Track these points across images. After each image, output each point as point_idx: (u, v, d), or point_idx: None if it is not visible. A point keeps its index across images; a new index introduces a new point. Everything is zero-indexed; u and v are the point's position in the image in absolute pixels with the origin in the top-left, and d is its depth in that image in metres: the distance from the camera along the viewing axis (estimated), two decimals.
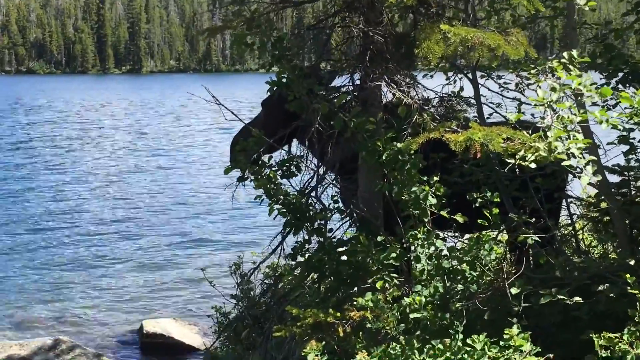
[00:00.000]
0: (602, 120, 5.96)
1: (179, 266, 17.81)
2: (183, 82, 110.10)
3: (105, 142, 44.48)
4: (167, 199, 26.06)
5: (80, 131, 50.81)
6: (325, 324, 6.26)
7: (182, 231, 21.29)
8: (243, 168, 7.58)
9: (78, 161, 35.93)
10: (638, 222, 7.64)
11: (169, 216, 23.32)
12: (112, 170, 33.15)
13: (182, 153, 38.78)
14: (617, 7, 20.67)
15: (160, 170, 32.89)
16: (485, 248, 6.47)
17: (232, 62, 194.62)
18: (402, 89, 7.52)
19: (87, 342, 13.11)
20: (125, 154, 38.81)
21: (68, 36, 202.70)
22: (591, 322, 6.40)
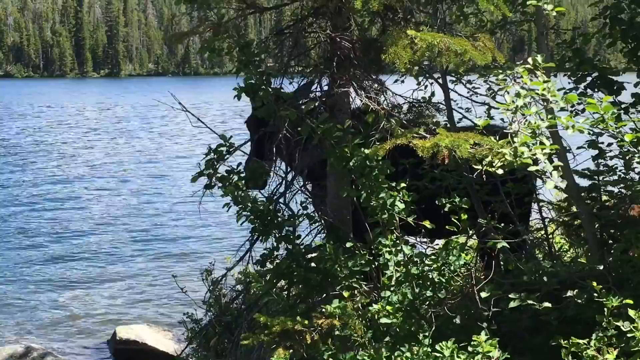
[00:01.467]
0: (568, 125, 5.97)
1: (152, 272, 17.69)
2: (161, 85, 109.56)
3: (75, 148, 44.16)
4: (138, 206, 25.86)
5: (50, 137, 50.43)
6: (294, 332, 6.24)
7: (154, 237, 21.16)
8: (210, 175, 7.55)
9: (47, 167, 35.64)
10: (608, 226, 7.66)
11: (141, 222, 23.15)
12: (80, 177, 32.89)
13: (151, 159, 38.56)
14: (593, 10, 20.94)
15: (130, 176, 32.62)
16: (453, 254, 6.45)
17: (210, 65, 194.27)
18: (370, 95, 7.50)
19: (59, 348, 12.98)
20: (95, 160, 38.52)
21: (46, 40, 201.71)
22: (561, 327, 6.41)
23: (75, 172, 34.29)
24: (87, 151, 42.48)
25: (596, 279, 6.29)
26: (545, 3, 7.38)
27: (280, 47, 8.37)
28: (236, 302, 9.03)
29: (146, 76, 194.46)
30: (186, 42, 8.08)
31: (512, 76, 6.71)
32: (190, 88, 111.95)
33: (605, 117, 6.03)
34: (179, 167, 34.34)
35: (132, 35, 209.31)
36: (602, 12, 8.08)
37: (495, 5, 6.86)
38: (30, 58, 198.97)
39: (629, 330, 5.63)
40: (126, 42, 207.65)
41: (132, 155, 40.42)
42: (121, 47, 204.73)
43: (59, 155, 40.34)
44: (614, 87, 7.79)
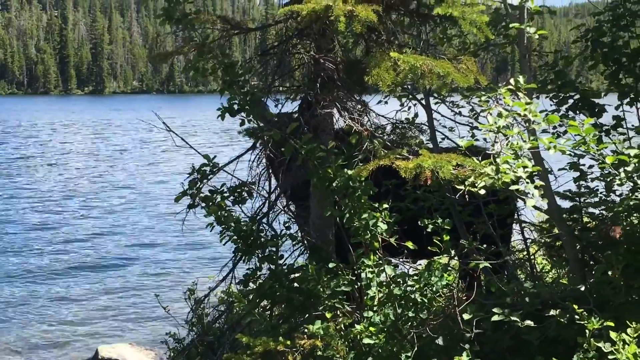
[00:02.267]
0: (550, 146, 6.01)
1: (135, 291, 17.62)
2: (145, 103, 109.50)
3: (58, 165, 44.01)
4: (121, 225, 25.76)
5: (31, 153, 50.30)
6: (276, 352, 6.24)
7: (137, 256, 21.07)
8: (193, 195, 7.55)
9: (30, 184, 35.48)
10: (589, 248, 7.69)
11: (124, 241, 23.06)
12: (63, 195, 32.78)
13: (134, 178, 38.42)
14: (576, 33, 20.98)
15: (113, 195, 32.49)
16: (436, 274, 6.47)
17: (195, 83, 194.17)
18: (354, 116, 7.52)
19: None
20: (78, 178, 38.39)
21: (30, 57, 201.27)
22: (542, 347, 6.43)
23: (58, 189, 34.16)
24: (70, 169, 42.35)
25: (577, 300, 6.33)
26: (527, 26, 7.44)
27: (265, 68, 8.39)
28: (219, 322, 9.00)
29: (130, 94, 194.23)
30: (171, 60, 8.09)
31: (495, 98, 6.75)
32: (174, 106, 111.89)
33: (587, 139, 6.08)
34: (163, 186, 34.25)
35: (117, 53, 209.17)
36: (584, 35, 8.16)
37: (478, 28, 6.91)
38: (14, 75, 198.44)
39: (609, 352, 5.65)
40: (111, 59, 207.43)
41: (115, 173, 40.27)
42: (105, 65, 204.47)
43: (41, 173, 40.21)
44: (595, 109, 7.85)
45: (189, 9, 7.71)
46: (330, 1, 6.28)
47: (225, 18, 7.82)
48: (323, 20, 6.45)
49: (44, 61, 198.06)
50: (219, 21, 7.72)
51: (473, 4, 6.95)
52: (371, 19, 6.41)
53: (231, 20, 7.83)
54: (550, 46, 51.66)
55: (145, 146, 56.40)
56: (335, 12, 6.25)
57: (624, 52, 7.88)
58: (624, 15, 7.85)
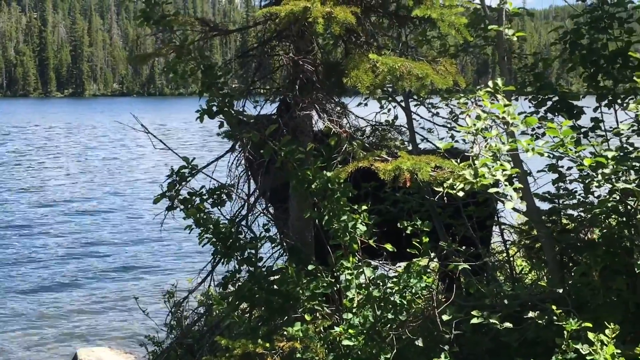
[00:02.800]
0: (528, 148, 6.03)
1: (114, 294, 17.52)
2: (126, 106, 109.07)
3: (36, 168, 43.79)
4: (100, 228, 25.64)
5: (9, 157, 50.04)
6: (255, 355, 6.22)
7: (117, 259, 20.96)
8: (173, 197, 7.52)
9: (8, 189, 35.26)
10: (568, 249, 7.72)
11: (103, 244, 22.94)
12: (41, 197, 32.59)
13: (114, 181, 38.29)
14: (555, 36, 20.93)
15: (92, 198, 32.32)
16: (415, 276, 6.47)
17: (175, 85, 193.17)
18: (333, 118, 7.52)
19: None
20: (57, 181, 38.20)
21: (9, 59, 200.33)
22: (521, 349, 6.45)
23: (35, 191, 33.98)
24: (48, 172, 42.14)
25: (556, 301, 6.35)
26: (506, 28, 7.47)
27: (245, 70, 8.37)
28: (198, 325, 8.97)
29: (110, 96, 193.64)
30: (151, 62, 8.07)
31: (474, 99, 6.77)
32: (154, 109, 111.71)
33: (565, 141, 6.10)
34: (143, 189, 34.13)
35: (97, 55, 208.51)
36: (562, 37, 8.18)
37: (457, 30, 6.92)
38: None
39: (588, 353, 5.67)
40: (90, 62, 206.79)
41: (94, 176, 40.08)
42: (85, 67, 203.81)
43: (18, 175, 39.99)
44: (574, 112, 7.87)
45: (167, 10, 7.69)
46: (308, 3, 6.27)
47: (204, 20, 7.81)
48: (301, 21, 6.44)
49: (23, 63, 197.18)
50: (197, 23, 7.71)
51: (452, 5, 6.95)
52: (350, 20, 6.40)
53: (210, 22, 7.81)
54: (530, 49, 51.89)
55: (123, 148, 56.21)
56: (313, 13, 6.24)
57: (602, 55, 7.91)
58: (602, 18, 7.88)
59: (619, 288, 6.73)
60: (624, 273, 6.85)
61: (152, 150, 9.77)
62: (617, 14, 7.91)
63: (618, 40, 7.88)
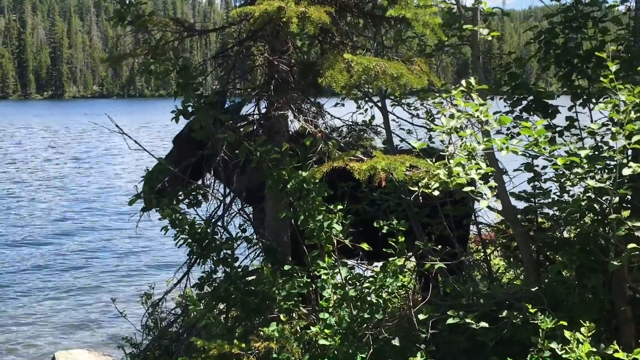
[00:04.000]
0: (502, 147, 6.04)
1: (92, 296, 17.47)
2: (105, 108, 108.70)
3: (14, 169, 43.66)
4: (76, 229, 25.55)
5: None
6: (231, 355, 6.21)
7: (93, 261, 20.89)
8: (147, 199, 7.50)
9: None
10: (543, 248, 7.75)
11: (79, 246, 22.86)
12: (16, 197, 32.50)
13: (89, 182, 38.20)
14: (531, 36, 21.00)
15: (67, 199, 32.22)
16: (391, 276, 6.47)
17: (155, 87, 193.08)
18: (308, 118, 7.51)
19: None
20: (32, 182, 38.04)
21: None
22: (497, 348, 6.47)
23: (11, 192, 33.86)
24: (24, 172, 41.99)
25: (532, 300, 6.37)
26: (480, 27, 7.48)
27: (222, 70, 8.35)
28: (175, 326, 8.95)
29: (90, 98, 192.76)
30: (131, 64, 8.03)
31: (449, 99, 6.78)
32: (134, 110, 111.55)
33: (539, 140, 6.12)
34: (118, 190, 34.06)
35: (77, 57, 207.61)
36: (537, 36, 8.21)
37: (432, 30, 6.92)
38: None
39: (563, 352, 5.69)
40: (70, 63, 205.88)
41: (69, 177, 39.99)
42: (65, 69, 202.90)
43: None
44: (548, 111, 7.90)
45: (142, 11, 7.67)
46: (282, 2, 6.25)
47: (179, 20, 7.79)
48: (276, 21, 6.43)
49: (2, 65, 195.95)
50: (172, 23, 7.68)
51: (426, 5, 6.95)
52: (324, 20, 6.40)
53: (185, 22, 7.78)
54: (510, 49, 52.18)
55: (99, 149, 56.08)
56: (287, 13, 6.22)
57: (577, 54, 7.95)
58: (576, 17, 7.92)
59: (594, 286, 6.77)
60: (599, 271, 6.88)
61: (129, 152, 9.74)
62: (591, 13, 7.95)
63: (592, 39, 7.91)
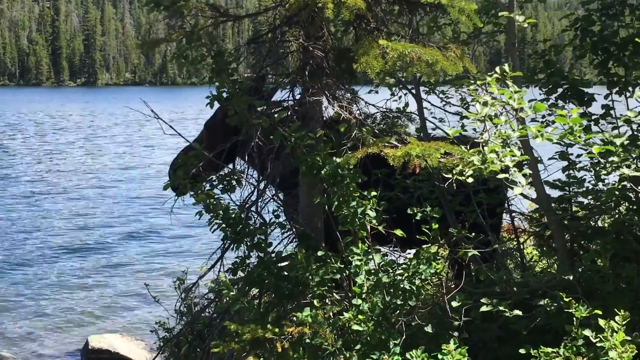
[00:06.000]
0: (537, 135, 6.01)
1: (125, 281, 17.60)
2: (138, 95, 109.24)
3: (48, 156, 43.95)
4: (111, 215, 25.73)
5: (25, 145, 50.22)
6: (264, 340, 6.21)
7: (128, 246, 21.05)
8: (182, 183, 7.54)
9: (20, 176, 35.37)
10: (578, 237, 7.71)
11: (115, 231, 23.01)
12: (52, 183, 32.75)
13: (124, 168, 38.42)
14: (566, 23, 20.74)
15: (103, 185, 32.48)
16: (424, 263, 6.46)
17: (187, 74, 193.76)
18: (343, 104, 7.50)
19: (31, 357, 12.93)
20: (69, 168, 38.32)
21: (22, 48, 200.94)
22: (530, 336, 6.44)
23: (46, 178, 34.14)
24: (61, 158, 42.31)
25: (565, 288, 6.34)
26: (517, 14, 7.45)
27: (256, 56, 8.35)
28: (208, 311, 8.99)
29: (123, 85, 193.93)
30: (163, 51, 8.05)
31: (483, 86, 6.75)
32: (166, 97, 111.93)
33: (574, 129, 6.08)
34: (152, 175, 34.25)
35: (109, 44, 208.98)
36: (573, 24, 8.15)
37: (467, 16, 6.89)
38: (6, 66, 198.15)
39: (598, 340, 5.66)
40: (103, 51, 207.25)
41: (105, 164, 40.26)
42: (98, 56, 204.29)
43: (31, 163, 40.15)
44: (584, 99, 7.85)
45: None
46: None
47: (214, 6, 7.78)
48: (311, 7, 6.42)
49: (36, 53, 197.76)
50: (207, 9, 7.68)
51: None
52: (359, 6, 6.38)
53: (220, 8, 7.79)
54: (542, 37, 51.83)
55: (135, 135, 56.45)
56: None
57: (613, 41, 7.89)
58: (613, 4, 7.86)
59: (629, 275, 6.73)
60: (633, 260, 6.84)
61: (163, 137, 9.78)
62: (628, 0, 7.88)
63: (629, 26, 7.85)
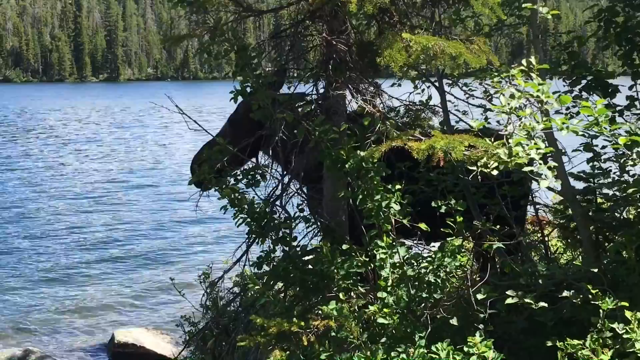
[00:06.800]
0: (562, 127, 5.99)
1: (150, 275, 17.72)
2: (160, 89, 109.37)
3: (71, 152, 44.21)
4: (135, 210, 25.88)
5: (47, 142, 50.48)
6: (290, 333, 6.24)
7: (152, 241, 21.16)
8: (207, 178, 7.56)
9: (45, 172, 35.60)
10: (603, 228, 7.68)
11: (139, 226, 23.16)
12: (77, 178, 32.94)
13: (149, 163, 38.57)
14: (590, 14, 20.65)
15: (128, 180, 32.65)
16: (449, 255, 6.46)
17: (209, 69, 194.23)
18: (366, 98, 7.50)
19: (57, 352, 13.04)
20: (92, 164, 38.51)
21: (45, 44, 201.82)
22: (556, 328, 6.42)
23: (73, 173, 34.34)
24: (83, 155, 42.53)
25: (591, 280, 6.32)
26: (540, 6, 7.42)
27: (278, 51, 8.37)
28: (233, 305, 9.03)
29: (145, 80, 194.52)
30: (185, 46, 8.07)
31: (508, 79, 6.72)
32: (189, 92, 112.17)
33: (599, 120, 6.05)
34: (177, 170, 34.35)
35: (131, 40, 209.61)
36: (597, 15, 8.11)
37: (490, 9, 6.88)
38: (29, 63, 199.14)
39: (624, 332, 5.65)
40: (125, 46, 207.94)
41: (129, 159, 40.42)
42: (120, 52, 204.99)
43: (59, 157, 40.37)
44: (608, 90, 7.81)
45: None
46: None
47: (237, 1, 7.80)
48: (334, 1, 6.44)
49: (59, 49, 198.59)
50: (231, 4, 7.70)
51: None
52: (383, 0, 6.39)
53: (243, 3, 7.81)
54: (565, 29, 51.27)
55: (159, 130, 56.64)
56: None
57: (637, 32, 7.84)
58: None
59: None
60: None
61: (187, 132, 9.81)
62: None
63: None
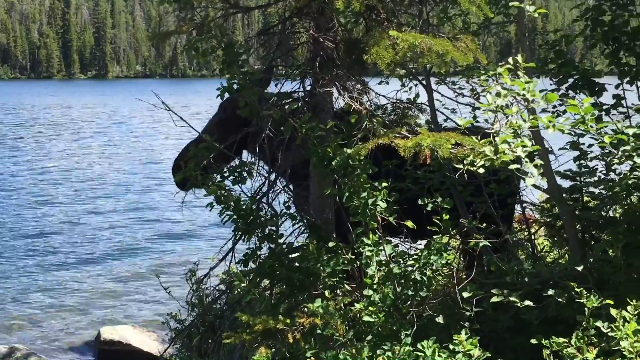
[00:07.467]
0: (549, 125, 5.99)
1: (137, 272, 17.70)
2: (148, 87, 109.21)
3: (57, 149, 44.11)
4: (122, 207, 25.84)
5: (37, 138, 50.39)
6: (275, 331, 6.23)
7: (139, 238, 21.15)
8: (193, 175, 7.54)
9: (30, 166, 35.53)
10: (589, 227, 7.69)
11: (125, 223, 23.13)
12: (61, 175, 32.86)
13: (135, 160, 38.52)
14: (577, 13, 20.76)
15: (114, 177, 32.62)
16: (435, 253, 6.46)
17: (198, 67, 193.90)
18: (353, 96, 7.50)
19: (43, 349, 13.00)
20: (78, 160, 38.45)
21: (33, 41, 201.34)
22: (542, 326, 6.43)
23: (56, 171, 34.24)
24: (70, 151, 42.43)
25: (577, 279, 6.33)
26: (527, 4, 7.42)
27: (265, 48, 8.36)
28: (219, 302, 9.02)
29: (133, 78, 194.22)
30: (173, 43, 8.06)
31: (495, 77, 6.73)
32: (177, 89, 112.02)
33: (586, 118, 6.06)
34: (163, 167, 34.30)
35: (120, 37, 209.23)
36: (584, 14, 8.12)
37: (477, 6, 6.88)
38: (17, 59, 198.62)
39: (609, 330, 5.65)
40: (113, 43, 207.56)
41: (115, 156, 40.34)
42: (108, 49, 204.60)
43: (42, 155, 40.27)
44: (595, 89, 7.83)
45: None
46: None
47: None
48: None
49: (47, 45, 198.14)
50: (218, 0, 7.70)
51: None
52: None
53: (230, 0, 7.80)
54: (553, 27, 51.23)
55: (145, 127, 56.53)
56: None
57: (624, 31, 7.86)
58: None
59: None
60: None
61: (173, 129, 9.80)
62: None
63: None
